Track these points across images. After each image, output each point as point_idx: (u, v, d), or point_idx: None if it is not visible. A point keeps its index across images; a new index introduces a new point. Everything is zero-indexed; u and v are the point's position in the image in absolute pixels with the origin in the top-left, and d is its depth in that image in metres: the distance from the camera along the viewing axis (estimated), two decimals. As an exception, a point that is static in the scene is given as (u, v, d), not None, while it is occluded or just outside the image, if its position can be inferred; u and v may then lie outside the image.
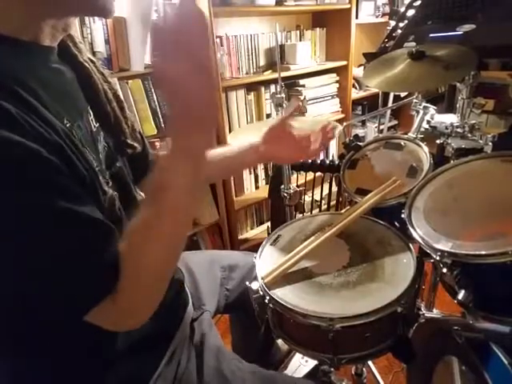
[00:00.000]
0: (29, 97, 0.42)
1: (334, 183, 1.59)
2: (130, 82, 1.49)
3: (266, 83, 1.95)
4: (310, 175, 1.76)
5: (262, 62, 1.98)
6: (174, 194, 0.44)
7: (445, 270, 0.60)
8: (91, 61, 0.61)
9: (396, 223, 0.80)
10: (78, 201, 0.43)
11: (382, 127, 2.24)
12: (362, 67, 2.14)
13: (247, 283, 0.71)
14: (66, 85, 0.54)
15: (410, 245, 0.72)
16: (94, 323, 0.45)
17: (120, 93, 0.67)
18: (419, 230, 0.66)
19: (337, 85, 2.23)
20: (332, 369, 1.08)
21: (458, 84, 0.94)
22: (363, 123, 2.48)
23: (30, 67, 0.46)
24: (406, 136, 0.98)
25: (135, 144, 0.67)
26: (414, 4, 1.12)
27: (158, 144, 1.61)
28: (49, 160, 0.40)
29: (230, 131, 1.83)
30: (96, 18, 1.34)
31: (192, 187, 0.46)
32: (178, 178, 0.44)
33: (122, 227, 0.53)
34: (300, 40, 2.08)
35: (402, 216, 0.71)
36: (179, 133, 0.44)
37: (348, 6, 2.00)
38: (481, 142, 0.87)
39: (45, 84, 0.47)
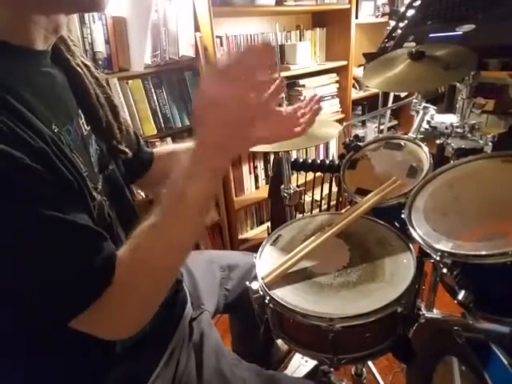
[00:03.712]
0: (15, 102, 0.41)
1: (334, 183, 1.59)
2: (130, 81, 1.49)
3: (266, 83, 1.95)
4: (310, 175, 1.75)
5: (262, 62, 1.98)
6: (190, 203, 0.46)
7: (445, 270, 0.60)
8: (84, 65, 0.61)
9: (396, 223, 0.80)
10: (62, 208, 0.42)
11: (382, 127, 2.24)
12: (362, 67, 2.14)
13: (247, 283, 0.71)
14: (56, 89, 0.53)
15: (410, 245, 0.72)
16: (86, 331, 0.45)
17: (121, 95, 0.67)
18: (419, 230, 0.66)
19: (337, 85, 2.23)
20: (332, 369, 1.08)
21: (457, 84, 0.94)
22: (363, 123, 2.48)
23: (19, 72, 0.46)
24: (406, 136, 0.98)
25: (126, 150, 0.67)
26: (414, 4, 1.12)
27: (158, 144, 1.61)
28: (32, 167, 0.40)
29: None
30: (96, 18, 1.34)
31: (207, 200, 0.48)
32: (198, 188, 0.46)
33: (111, 232, 0.53)
34: (300, 40, 2.08)
35: (402, 216, 0.71)
36: (211, 152, 0.46)
37: (348, 6, 2.00)
38: (481, 142, 0.86)
39: (34, 89, 0.46)
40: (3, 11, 0.44)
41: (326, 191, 1.63)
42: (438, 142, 0.97)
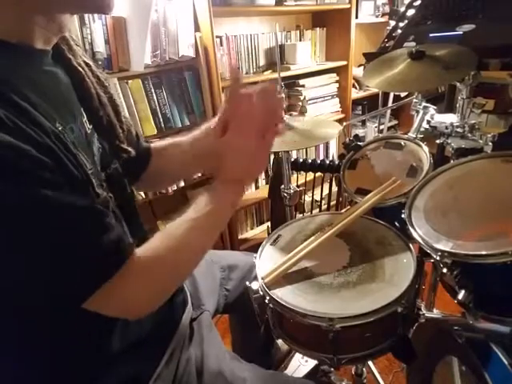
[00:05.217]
0: (19, 100, 0.42)
1: (334, 183, 1.59)
2: (129, 81, 1.49)
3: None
4: (310, 175, 1.75)
5: (262, 62, 1.98)
6: (218, 212, 0.57)
7: (445, 270, 0.60)
8: (86, 64, 0.61)
9: (396, 223, 0.80)
10: (71, 193, 0.43)
11: (381, 127, 2.25)
12: (362, 67, 2.14)
13: (247, 283, 0.71)
14: (59, 87, 0.53)
15: (410, 245, 0.72)
16: (97, 309, 0.46)
17: (121, 95, 0.68)
18: (419, 230, 0.66)
19: (337, 85, 2.23)
20: (332, 369, 1.08)
21: (457, 84, 0.94)
22: (363, 123, 2.48)
23: (22, 70, 0.46)
24: (406, 136, 0.98)
25: (129, 149, 0.67)
26: (414, 4, 1.11)
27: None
28: (39, 159, 0.40)
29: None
30: (96, 18, 1.34)
31: (230, 212, 0.61)
32: (226, 203, 0.59)
33: None
34: (300, 40, 2.08)
35: (402, 216, 0.71)
36: (235, 180, 0.59)
37: (348, 5, 2.00)
38: (481, 141, 0.86)
39: (37, 87, 0.46)
40: (5, 11, 0.44)
41: (326, 191, 1.64)
42: (438, 141, 0.97)
